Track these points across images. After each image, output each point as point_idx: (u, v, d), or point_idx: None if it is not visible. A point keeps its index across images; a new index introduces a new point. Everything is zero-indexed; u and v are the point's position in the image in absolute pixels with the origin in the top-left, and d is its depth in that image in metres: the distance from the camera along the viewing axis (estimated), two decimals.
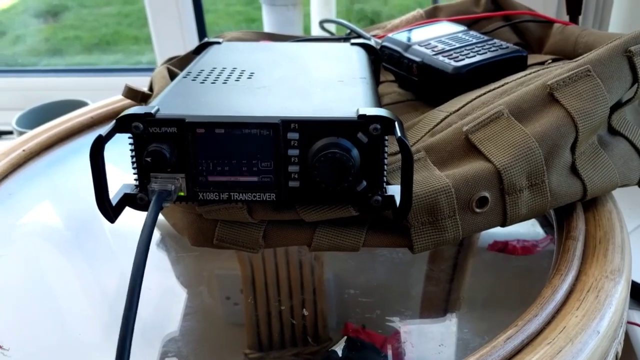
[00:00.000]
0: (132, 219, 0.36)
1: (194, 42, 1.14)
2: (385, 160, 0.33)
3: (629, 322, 0.60)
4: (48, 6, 2.47)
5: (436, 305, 0.44)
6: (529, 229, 0.51)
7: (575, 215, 0.40)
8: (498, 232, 0.50)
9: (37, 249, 0.50)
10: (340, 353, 0.37)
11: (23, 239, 0.51)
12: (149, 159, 0.32)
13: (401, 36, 0.51)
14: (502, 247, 0.50)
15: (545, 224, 0.51)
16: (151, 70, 0.54)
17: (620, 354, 0.36)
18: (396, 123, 0.31)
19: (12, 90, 1.24)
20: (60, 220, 0.54)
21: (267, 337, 0.43)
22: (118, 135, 0.32)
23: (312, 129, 0.32)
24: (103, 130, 0.32)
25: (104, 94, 0.67)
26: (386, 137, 0.32)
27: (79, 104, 1.01)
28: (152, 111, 0.32)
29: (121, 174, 0.35)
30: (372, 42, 0.50)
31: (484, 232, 0.51)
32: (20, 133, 0.94)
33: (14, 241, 0.50)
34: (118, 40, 2.26)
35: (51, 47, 2.21)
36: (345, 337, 0.39)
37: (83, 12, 2.49)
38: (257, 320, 0.45)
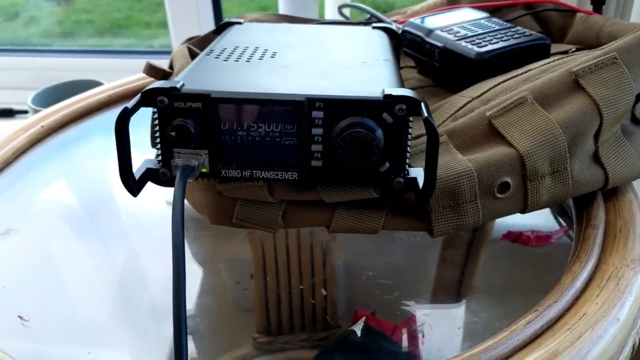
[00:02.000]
0: (148, 197, 0.36)
1: (210, 27, 1.13)
2: (409, 142, 0.33)
3: None
4: None
5: (453, 290, 0.44)
6: (543, 221, 0.51)
7: (595, 205, 0.40)
8: (512, 223, 0.50)
9: (53, 224, 0.50)
10: (359, 333, 0.37)
11: (39, 214, 0.51)
12: (173, 134, 0.32)
13: (423, 21, 0.51)
14: (516, 238, 0.50)
15: (560, 214, 0.51)
16: (165, 53, 0.54)
17: (637, 344, 0.36)
18: (422, 104, 0.31)
19: (26, 70, 1.25)
20: (75, 198, 0.55)
21: (277, 322, 0.43)
22: (135, 120, 0.32)
23: (337, 108, 0.32)
24: (129, 103, 0.32)
25: (117, 75, 0.67)
26: (410, 119, 0.32)
27: (94, 84, 1.01)
28: (178, 85, 0.32)
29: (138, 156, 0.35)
30: (393, 27, 0.49)
31: (498, 223, 0.51)
32: (36, 111, 0.94)
33: (30, 216, 0.51)
34: (130, 24, 2.26)
35: (63, 30, 2.21)
36: (364, 318, 0.39)
37: None
38: (266, 304, 0.45)
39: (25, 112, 1.04)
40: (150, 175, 0.34)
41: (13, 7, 2.28)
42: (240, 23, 0.49)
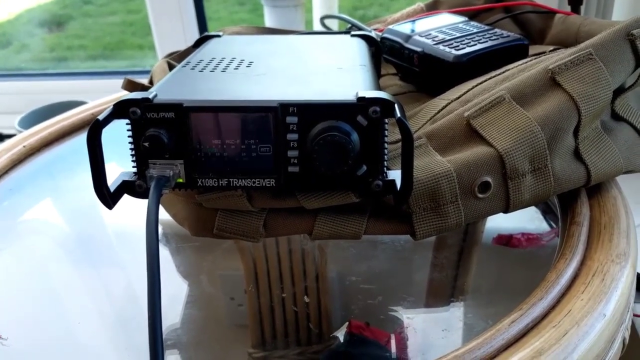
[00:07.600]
0: (132, 215, 0.36)
1: None
2: (386, 145, 0.32)
3: (635, 315, 0.59)
4: (53, 16, 2.49)
5: (439, 292, 0.44)
6: (533, 223, 0.50)
7: (579, 201, 0.40)
8: (503, 227, 0.50)
9: (37, 244, 0.50)
10: (342, 339, 0.37)
11: (23, 234, 0.51)
12: (146, 144, 0.31)
13: (401, 27, 0.51)
14: (506, 241, 0.50)
15: (549, 214, 0.50)
16: None
17: (627, 340, 0.36)
18: (396, 105, 0.31)
19: (14, 94, 1.25)
20: (60, 216, 0.54)
21: (271, 336, 0.43)
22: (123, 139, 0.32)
23: (311, 112, 0.32)
24: (100, 115, 0.31)
25: (104, 97, 0.67)
26: (386, 121, 0.32)
27: (80, 105, 1.01)
28: (150, 96, 0.32)
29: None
30: (372, 34, 0.50)
31: (488, 226, 0.51)
32: None
33: (14, 236, 0.50)
34: (122, 47, 2.27)
35: (56, 56, 2.23)
36: (347, 323, 0.38)
37: (88, 22, 2.51)
38: (260, 318, 0.44)
39: (14, 135, 1.04)
40: (126, 187, 0.33)
41: (5, 36, 2.29)
42: (219, 36, 0.49)
